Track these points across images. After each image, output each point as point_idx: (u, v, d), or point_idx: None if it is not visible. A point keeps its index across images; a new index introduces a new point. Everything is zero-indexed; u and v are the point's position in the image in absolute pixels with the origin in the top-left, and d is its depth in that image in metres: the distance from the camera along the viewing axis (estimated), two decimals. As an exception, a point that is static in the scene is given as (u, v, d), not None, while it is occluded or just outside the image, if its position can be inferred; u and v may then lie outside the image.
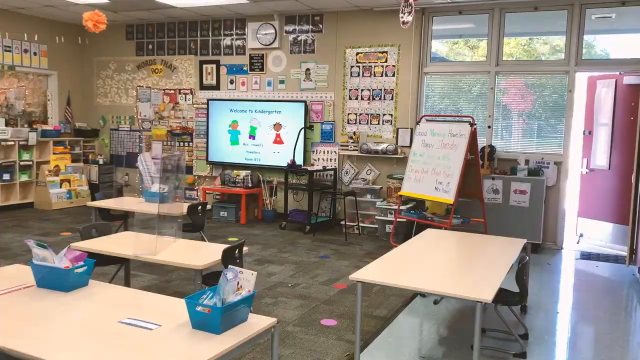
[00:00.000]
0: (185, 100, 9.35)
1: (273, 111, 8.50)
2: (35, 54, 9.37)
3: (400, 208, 6.87)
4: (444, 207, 6.92)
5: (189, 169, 9.41)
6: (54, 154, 9.32)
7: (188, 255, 4.10)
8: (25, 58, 9.22)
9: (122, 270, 4.87)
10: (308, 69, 8.33)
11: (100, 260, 4.32)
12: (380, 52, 7.83)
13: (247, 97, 8.81)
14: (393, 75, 7.78)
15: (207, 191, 8.73)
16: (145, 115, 9.72)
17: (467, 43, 7.86)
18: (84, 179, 9.61)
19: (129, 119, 9.91)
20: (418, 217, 6.62)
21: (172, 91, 9.46)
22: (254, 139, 8.68)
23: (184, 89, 9.35)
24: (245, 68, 8.80)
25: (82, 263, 3.10)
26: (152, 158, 9.65)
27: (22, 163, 8.90)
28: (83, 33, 9.79)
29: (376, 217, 7.42)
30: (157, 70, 9.56)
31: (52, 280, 2.97)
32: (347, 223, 7.65)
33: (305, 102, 8.27)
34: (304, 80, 8.37)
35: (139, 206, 6.14)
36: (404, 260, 3.77)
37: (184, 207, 5.84)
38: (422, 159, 6.57)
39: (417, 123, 6.84)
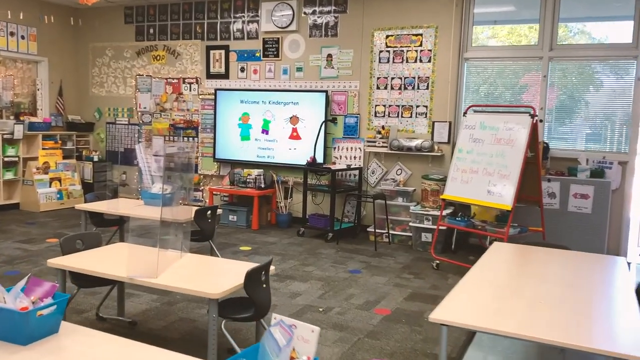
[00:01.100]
0: (190, 90, 8.37)
1: (289, 103, 7.52)
2: (23, 37, 8.39)
3: (443, 214, 5.89)
4: (493, 213, 5.94)
5: (194, 167, 8.42)
6: (43, 149, 8.34)
7: (199, 277, 3.13)
8: (11, 42, 8.25)
9: (115, 288, 3.91)
10: (330, 55, 7.35)
11: (86, 280, 3.36)
12: (414, 35, 6.85)
13: (259, 86, 7.83)
14: (429, 61, 6.80)
15: (214, 192, 7.75)
16: (145, 107, 8.74)
17: (512, 27, 6.88)
18: (77, 177, 8.63)
19: (127, 112, 8.93)
20: (466, 226, 5.64)
21: (175, 80, 8.48)
22: (267, 133, 7.70)
23: (188, 77, 8.37)
24: (257, 54, 7.82)
25: (50, 300, 2.11)
26: (154, 155, 8.73)
27: (6, 159, 7.92)
28: (77, 13, 8.81)
29: (410, 223, 6.44)
30: (158, 57, 8.58)
31: (2, 329, 1.98)
32: (375, 230, 6.67)
33: (326, 92, 7.29)
34: (325, 68, 7.39)
35: (137, 210, 5.17)
36: (495, 290, 2.78)
37: (191, 212, 4.87)
38: (470, 157, 5.59)
39: (464, 114, 5.86)
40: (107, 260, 3.35)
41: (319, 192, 7.37)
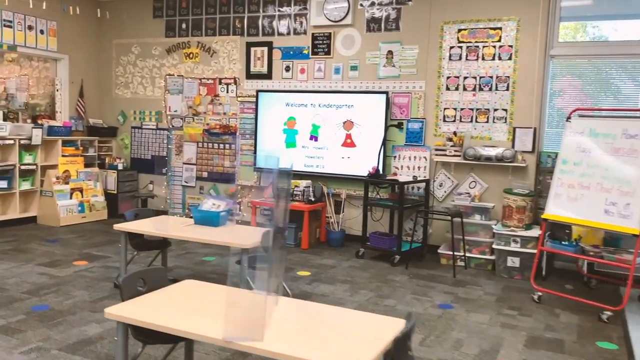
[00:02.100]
0: (227, 91, 7.53)
1: (342, 105, 6.67)
2: (42, 32, 7.57)
3: (538, 236, 5.02)
4: (600, 235, 5.07)
5: (231, 178, 7.57)
6: (62, 156, 7.50)
7: (319, 339, 2.25)
8: (29, 37, 7.42)
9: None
10: (390, 52, 6.50)
11: (155, 336, 2.51)
12: (491, 29, 6.00)
13: (307, 87, 6.98)
14: (509, 59, 5.94)
15: (256, 205, 6.87)
16: (175, 111, 7.89)
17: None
18: (99, 187, 7.78)
19: (156, 115, 8.08)
20: (574, 251, 4.76)
21: (210, 81, 7.64)
22: (316, 140, 6.85)
23: (225, 78, 7.53)
24: (305, 51, 6.98)
25: None
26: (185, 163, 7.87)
27: (23, 167, 7.08)
28: (102, 6, 7.98)
29: (493, 245, 5.57)
30: (191, 55, 7.74)
31: None
32: (449, 253, 5.81)
33: (386, 93, 6.44)
34: (385, 66, 6.54)
35: (189, 231, 4.30)
36: None
37: (258, 235, 4.03)
38: (578, 170, 4.72)
39: (567, 119, 4.99)
40: (180, 307, 2.48)
41: (379, 207, 6.49)
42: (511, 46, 5.92)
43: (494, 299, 4.75)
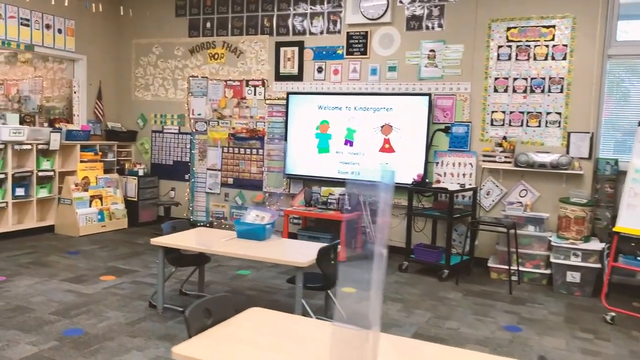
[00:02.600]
0: (255, 94, 7.15)
1: (381, 108, 6.28)
2: (59, 31, 7.20)
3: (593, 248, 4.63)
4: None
5: (258, 184, 7.18)
6: (81, 161, 7.11)
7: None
8: (47, 36, 7.05)
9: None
10: (432, 51, 6.12)
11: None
12: (544, 27, 5.62)
13: (341, 89, 6.60)
14: (564, 59, 5.56)
15: (289, 215, 6.46)
16: (199, 114, 7.51)
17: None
18: (119, 195, 7.39)
19: (178, 119, 7.70)
20: (653, 268, 4.37)
21: (236, 83, 7.26)
22: (351, 145, 6.46)
23: (253, 79, 7.15)
24: (340, 51, 6.60)
25: None
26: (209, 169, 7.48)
27: (40, 173, 6.70)
28: (125, 3, 7.60)
29: (551, 259, 5.17)
30: (217, 56, 7.36)
31: None
32: (500, 267, 5.42)
33: (429, 95, 6.05)
34: (426, 67, 6.16)
35: (236, 247, 3.91)
36: None
37: (311, 251, 3.64)
38: (654, 178, 4.33)
39: (639, 124, 4.61)
40: (256, 344, 2.10)
41: (421, 217, 6.09)
42: (566, 45, 5.54)
43: (561, 320, 4.35)
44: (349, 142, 6.48)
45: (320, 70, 6.73)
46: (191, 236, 4.26)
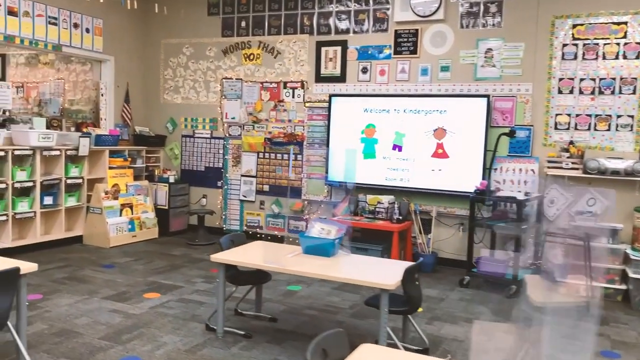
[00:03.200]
0: (294, 96, 6.77)
1: (433, 111, 5.90)
2: (87, 30, 6.83)
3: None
4: None
5: (296, 192, 6.80)
6: (110, 168, 6.73)
7: None
8: (75, 36, 6.68)
9: None
10: (489, 50, 5.74)
11: None
12: (614, 24, 5.23)
13: (388, 90, 6.22)
14: (637, 58, 5.17)
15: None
16: (233, 118, 7.14)
17: None
18: (150, 203, 7.01)
19: (210, 123, 7.33)
20: None
21: (273, 85, 6.88)
22: (400, 150, 6.08)
23: (291, 81, 6.77)
24: (387, 51, 6.22)
25: None
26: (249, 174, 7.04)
27: (69, 181, 6.32)
28: (153, 1, 7.23)
29: (630, 274, 4.77)
30: (252, 57, 6.99)
31: None
32: (572, 282, 5.01)
33: (487, 97, 5.66)
34: (483, 66, 5.78)
35: (308, 265, 3.52)
36: None
37: (395, 271, 3.26)
38: None
39: None
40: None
41: (480, 227, 5.70)
42: (639, 43, 5.15)
43: (659, 343, 3.95)
44: (397, 146, 6.10)
45: (365, 70, 6.35)
46: (253, 252, 3.87)
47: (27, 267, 2.98)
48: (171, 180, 7.20)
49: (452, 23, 5.89)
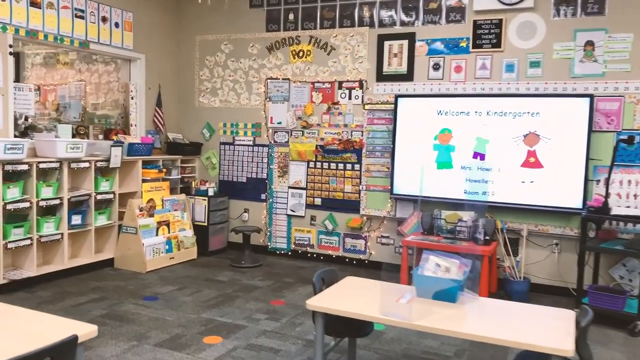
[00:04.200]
0: (350, 98, 5.97)
1: (523, 113, 5.09)
2: (116, 25, 6.04)
3: None
4: None
5: (353, 206, 5.99)
6: (144, 180, 5.94)
7: None
8: (103, 31, 5.89)
9: None
10: (590, 43, 4.93)
11: None
12: None
13: (466, 90, 5.41)
14: None
15: (409, 246, 5.22)
16: (279, 123, 6.34)
17: None
18: (187, 219, 6.21)
19: (252, 128, 6.53)
20: None
21: (327, 85, 6.08)
22: (483, 158, 5.26)
23: (348, 80, 5.97)
24: (463, 44, 5.41)
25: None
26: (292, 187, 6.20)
27: (99, 196, 5.52)
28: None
29: None
30: (302, 54, 6.19)
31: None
32: None
33: (591, 96, 4.85)
34: (582, 61, 4.97)
35: (430, 314, 2.69)
36: None
37: (553, 319, 2.43)
38: None
39: None
40: None
41: (590, 250, 4.87)
42: None
43: None
44: (479, 154, 5.28)
45: (436, 67, 5.54)
46: (354, 294, 3.06)
47: (85, 331, 2.17)
48: (210, 193, 6.39)
49: (544, 11, 5.07)
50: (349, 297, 3.00)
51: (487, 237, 5.00)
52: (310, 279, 5.43)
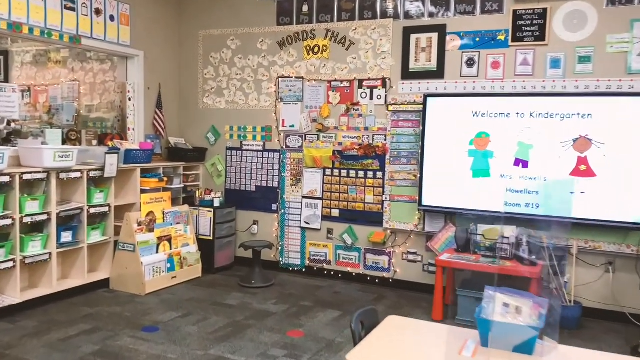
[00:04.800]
0: (372, 98, 5.36)
1: (572, 115, 4.48)
2: (112, 18, 5.44)
3: None
4: None
5: (375, 218, 5.38)
6: (143, 191, 5.34)
7: None
8: (97, 25, 5.29)
9: None
10: (650, 34, 4.33)
11: None
12: None
13: (504, 88, 4.81)
14: None
15: (445, 266, 4.60)
16: (292, 126, 5.73)
17: None
18: (191, 233, 5.61)
19: (262, 132, 5.92)
20: None
21: (345, 84, 5.48)
22: (525, 166, 4.66)
23: (369, 79, 5.37)
24: (501, 37, 4.81)
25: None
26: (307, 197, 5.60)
27: (92, 210, 4.91)
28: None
29: None
30: (317, 49, 5.59)
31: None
32: None
33: (653, 96, 4.25)
34: (641, 56, 4.36)
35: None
36: None
37: None
38: None
39: None
40: None
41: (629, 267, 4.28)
42: None
43: None
44: (521, 162, 4.68)
45: (470, 63, 4.93)
46: (403, 343, 2.44)
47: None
48: (216, 203, 5.79)
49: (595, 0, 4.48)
50: (398, 348, 2.39)
51: (533, 256, 4.39)
52: (329, 301, 4.83)
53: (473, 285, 4.56)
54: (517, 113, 4.66)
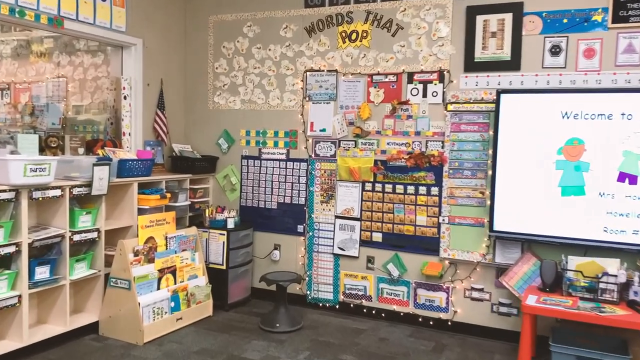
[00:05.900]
0: (425, 95, 4.31)
1: (699, 116, 3.43)
2: (103, -2, 4.40)
3: None
4: None
5: (430, 245, 4.33)
6: (141, 212, 4.29)
7: None
8: (84, 5, 4.25)
9: None
10: None
11: None
12: None
13: (601, 83, 3.76)
14: None
15: (540, 314, 3.53)
16: (323, 130, 4.68)
17: None
18: (199, 261, 4.55)
19: (285, 138, 4.88)
20: None
21: (390, 78, 4.43)
22: (634, 182, 3.61)
23: (422, 72, 4.32)
24: (597, 17, 3.77)
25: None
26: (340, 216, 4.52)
27: (76, 237, 3.86)
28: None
29: None
30: (354, 36, 4.55)
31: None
32: None
33: None
34: None
35: None
36: None
37: None
38: None
39: None
40: None
41: None
42: None
43: None
44: (628, 176, 3.63)
45: (556, 51, 3.89)
46: None
47: None
48: (230, 224, 4.73)
49: None
50: None
51: (650, 301, 3.35)
52: (377, 353, 3.77)
53: (566, 336, 3.52)
54: (622, 114, 3.62)
